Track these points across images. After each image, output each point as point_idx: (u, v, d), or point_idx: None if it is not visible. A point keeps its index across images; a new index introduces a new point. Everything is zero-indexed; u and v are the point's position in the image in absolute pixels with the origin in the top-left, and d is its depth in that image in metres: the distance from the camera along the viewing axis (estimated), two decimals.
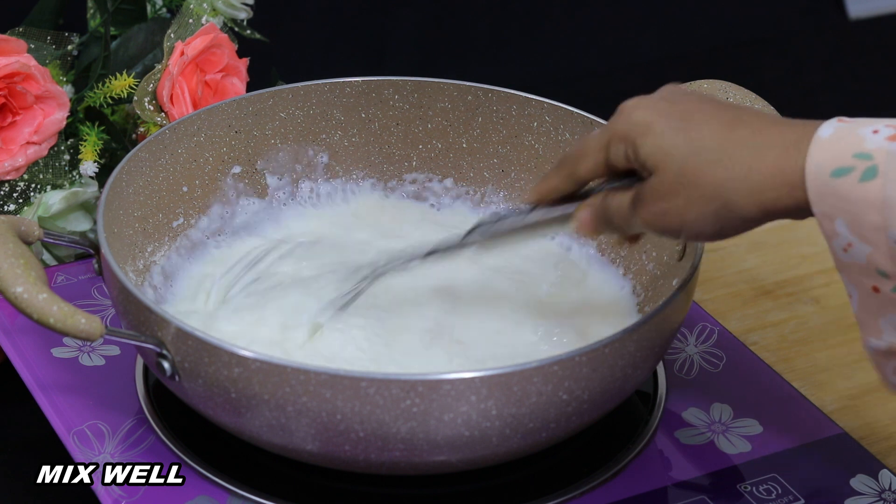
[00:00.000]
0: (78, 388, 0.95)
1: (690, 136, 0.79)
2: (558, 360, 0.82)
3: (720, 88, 1.01)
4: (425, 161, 1.10)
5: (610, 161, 0.82)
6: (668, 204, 0.80)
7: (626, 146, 0.81)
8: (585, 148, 0.84)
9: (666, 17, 1.67)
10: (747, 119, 0.79)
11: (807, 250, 1.23)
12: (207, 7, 1.15)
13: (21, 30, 1.12)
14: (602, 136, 0.83)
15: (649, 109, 0.81)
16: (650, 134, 0.80)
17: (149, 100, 1.11)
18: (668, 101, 0.81)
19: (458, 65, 1.58)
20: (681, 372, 0.99)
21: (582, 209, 0.85)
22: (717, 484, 0.91)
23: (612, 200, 0.83)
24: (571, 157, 0.85)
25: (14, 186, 1.08)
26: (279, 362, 0.81)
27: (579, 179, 0.85)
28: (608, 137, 0.82)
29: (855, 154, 0.74)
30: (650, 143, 0.80)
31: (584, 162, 0.84)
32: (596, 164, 0.83)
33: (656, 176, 0.80)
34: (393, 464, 0.85)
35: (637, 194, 0.82)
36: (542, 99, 1.06)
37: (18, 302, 0.83)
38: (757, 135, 0.78)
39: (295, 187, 1.08)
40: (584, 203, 0.85)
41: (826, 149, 0.75)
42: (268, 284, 0.98)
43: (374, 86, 1.08)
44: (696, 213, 0.79)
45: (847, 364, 1.10)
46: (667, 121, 0.80)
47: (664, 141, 0.79)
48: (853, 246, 0.75)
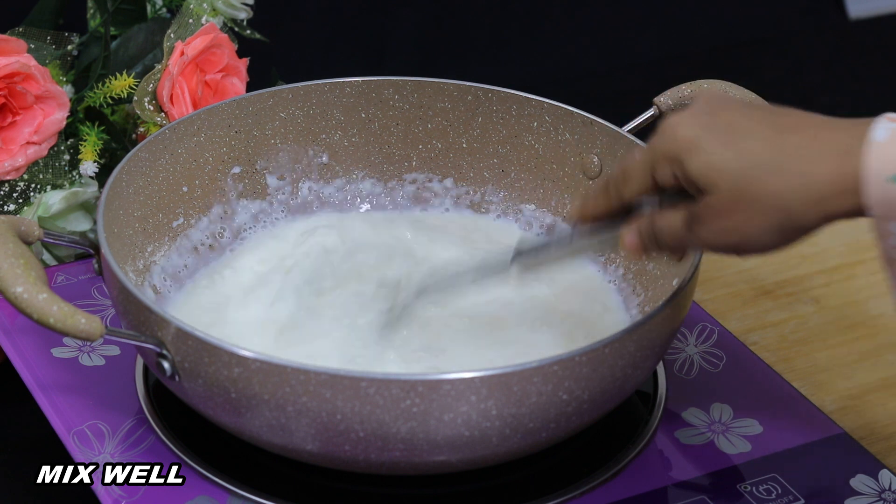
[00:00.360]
0: (78, 388, 0.95)
1: (740, 148, 0.77)
2: (558, 360, 0.82)
3: (720, 88, 1.01)
4: (425, 161, 1.10)
5: (658, 181, 0.81)
6: (728, 221, 0.78)
7: (673, 166, 0.79)
8: (629, 170, 0.82)
9: (666, 17, 1.67)
10: (796, 125, 0.78)
11: (807, 250, 1.23)
12: (207, 7, 1.15)
13: (21, 30, 1.12)
14: (646, 157, 0.81)
15: (693, 126, 0.78)
16: (698, 151, 0.78)
17: (149, 100, 1.11)
18: (711, 114, 0.79)
19: (458, 65, 1.58)
20: (681, 372, 0.99)
21: (628, 233, 0.83)
22: (717, 484, 0.91)
23: (660, 222, 0.81)
24: (615, 179, 0.83)
25: (14, 186, 1.08)
26: (279, 362, 0.81)
27: (624, 201, 0.83)
28: (652, 158, 0.80)
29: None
30: (699, 161, 0.78)
31: (629, 185, 0.82)
32: (643, 186, 0.81)
33: (711, 195, 0.78)
34: (393, 464, 0.85)
35: (691, 215, 0.80)
36: (542, 99, 1.06)
37: (18, 302, 0.83)
38: (810, 142, 0.76)
39: (295, 187, 1.08)
40: (629, 227, 0.83)
41: (882, 154, 0.74)
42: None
43: (374, 86, 1.08)
44: (757, 227, 0.77)
45: (847, 364, 1.10)
46: (713, 136, 0.78)
47: (713, 157, 0.77)
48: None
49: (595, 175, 1.05)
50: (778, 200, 0.76)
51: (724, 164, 0.77)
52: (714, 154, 0.77)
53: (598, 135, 1.04)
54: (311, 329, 0.95)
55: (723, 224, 0.78)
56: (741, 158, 0.77)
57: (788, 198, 0.76)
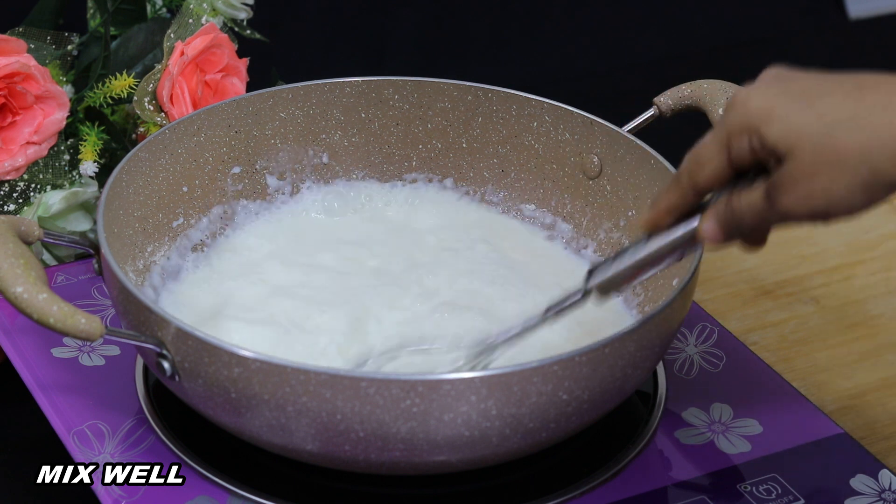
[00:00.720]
0: (78, 388, 0.95)
1: (818, 110, 0.76)
2: (558, 360, 0.82)
3: (720, 88, 1.01)
4: (425, 161, 1.10)
5: (734, 159, 0.79)
6: (811, 185, 0.76)
7: (750, 137, 0.78)
8: (702, 155, 0.80)
9: (666, 17, 1.67)
10: (870, 84, 0.76)
11: (807, 250, 1.23)
12: (207, 7, 1.15)
13: (21, 30, 1.12)
14: (718, 136, 0.79)
15: (765, 95, 0.77)
16: (774, 119, 0.77)
17: (149, 100, 1.11)
18: (781, 82, 0.78)
19: (458, 65, 1.58)
20: (681, 372, 0.99)
21: (706, 221, 0.81)
22: (717, 484, 0.91)
23: (738, 202, 0.80)
24: (687, 169, 0.81)
25: (14, 186, 1.08)
26: (279, 362, 0.81)
27: (701, 190, 0.81)
28: (726, 135, 0.79)
29: None
30: (777, 128, 0.76)
31: (704, 170, 0.80)
32: (718, 168, 0.80)
33: (791, 160, 0.76)
34: (393, 464, 0.85)
35: (771, 186, 0.78)
36: (542, 99, 1.06)
37: (18, 302, 0.83)
38: (889, 97, 0.75)
39: (295, 187, 1.08)
40: (705, 214, 0.82)
41: None
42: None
43: (374, 86, 1.08)
44: (844, 187, 0.76)
45: (847, 364, 1.10)
46: (788, 102, 0.77)
47: (791, 122, 0.76)
48: None
49: (595, 175, 1.05)
50: (862, 157, 0.75)
51: (803, 126, 0.76)
52: (791, 119, 0.76)
53: (598, 135, 1.04)
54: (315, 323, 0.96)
55: (806, 189, 0.76)
56: (820, 119, 0.76)
57: (873, 154, 0.75)
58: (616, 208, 1.04)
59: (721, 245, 0.82)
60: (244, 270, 1.01)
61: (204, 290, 1.00)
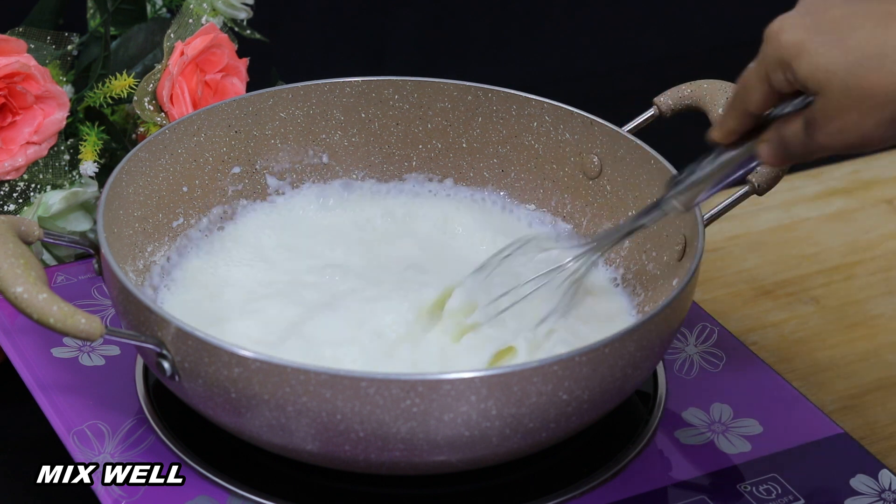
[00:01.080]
0: (78, 388, 0.95)
1: (846, 46, 0.77)
2: (558, 360, 0.82)
3: (720, 88, 1.01)
4: (425, 161, 1.09)
5: (775, 88, 0.81)
6: (843, 121, 0.78)
7: (784, 71, 0.79)
8: (747, 83, 0.83)
9: (666, 17, 1.67)
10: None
11: (807, 250, 1.23)
12: (207, 7, 1.15)
13: (21, 30, 1.12)
14: (759, 67, 0.81)
15: (796, 28, 0.79)
16: (804, 54, 0.78)
17: (149, 100, 1.11)
18: (812, 14, 0.79)
19: (458, 65, 1.58)
20: (681, 372, 0.99)
21: (760, 145, 0.84)
22: (717, 484, 0.91)
23: (786, 131, 0.82)
24: (738, 95, 0.83)
25: (14, 186, 1.08)
26: (279, 362, 0.81)
27: (754, 113, 0.84)
28: (764, 68, 0.81)
29: None
30: (807, 64, 0.78)
31: (751, 96, 0.83)
32: (764, 95, 0.82)
33: (822, 96, 0.78)
34: (393, 464, 0.85)
35: (808, 119, 0.80)
36: (542, 99, 1.06)
37: (18, 302, 0.83)
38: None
39: (295, 187, 1.08)
40: (760, 139, 0.84)
41: None
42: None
43: (374, 86, 1.08)
44: (874, 123, 0.78)
45: (847, 364, 1.10)
46: (817, 36, 0.78)
47: (820, 59, 0.77)
48: None
49: (595, 175, 1.05)
50: (889, 94, 0.76)
51: (831, 63, 0.77)
52: (820, 55, 0.78)
53: (598, 135, 1.04)
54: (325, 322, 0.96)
55: (838, 125, 0.78)
56: (848, 56, 0.77)
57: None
58: (616, 208, 1.04)
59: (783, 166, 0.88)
60: (244, 270, 1.01)
61: (204, 289, 1.00)
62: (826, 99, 0.78)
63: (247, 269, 1.02)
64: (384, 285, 0.99)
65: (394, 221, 1.08)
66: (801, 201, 1.30)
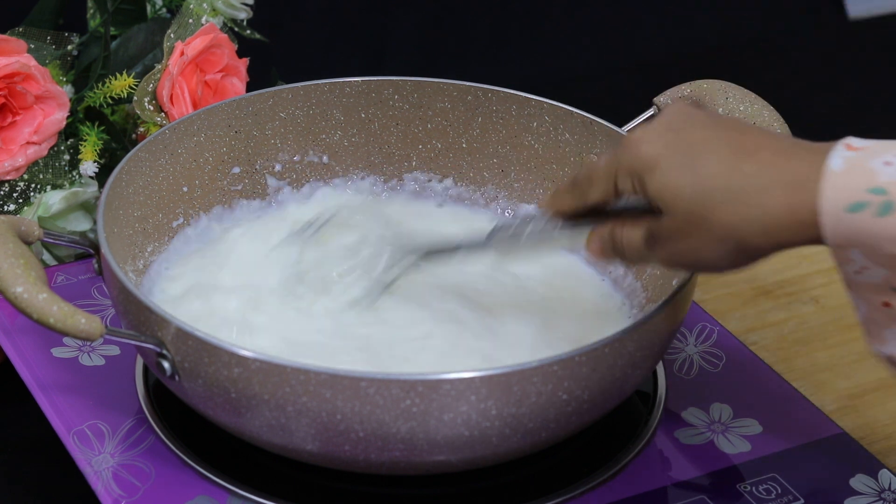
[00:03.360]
0: (78, 388, 0.95)
1: (698, 172, 0.77)
2: (558, 360, 0.82)
3: (720, 88, 1.01)
4: (425, 161, 1.10)
5: (619, 190, 0.82)
6: (682, 244, 0.79)
7: (634, 180, 0.80)
8: (594, 175, 0.83)
9: (666, 17, 1.67)
10: (755, 148, 0.77)
11: (807, 250, 1.22)
12: (207, 7, 1.15)
13: (21, 30, 1.12)
14: (609, 166, 0.82)
15: (655, 143, 0.79)
16: (656, 170, 0.79)
17: (149, 100, 1.11)
18: (675, 132, 0.79)
19: (458, 65, 1.58)
20: (681, 372, 0.99)
21: (591, 239, 0.85)
22: (717, 484, 0.91)
23: (621, 235, 0.83)
24: (581, 180, 0.84)
25: (14, 186, 1.08)
26: (279, 362, 0.81)
27: (589, 203, 0.84)
28: (615, 169, 0.81)
29: (869, 189, 0.73)
30: (657, 181, 0.79)
31: (594, 188, 0.83)
32: (605, 193, 0.83)
33: (667, 216, 0.79)
34: (393, 464, 0.85)
35: (650, 233, 0.81)
36: (542, 99, 1.06)
37: (18, 302, 0.83)
38: (765, 170, 0.76)
39: (295, 187, 1.08)
40: (592, 232, 0.85)
41: (838, 185, 0.74)
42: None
43: (374, 86, 1.08)
44: (711, 252, 0.78)
45: (847, 364, 1.10)
46: (673, 156, 0.78)
47: (670, 179, 0.78)
48: (868, 269, 0.75)
49: None
50: (730, 230, 0.77)
51: (680, 188, 0.78)
52: (672, 176, 0.78)
53: (598, 135, 1.04)
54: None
55: (678, 246, 0.80)
56: (697, 184, 0.78)
57: (741, 227, 0.77)
58: None
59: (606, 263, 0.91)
60: (244, 270, 1.01)
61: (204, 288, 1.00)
62: (671, 219, 0.79)
63: (246, 269, 1.02)
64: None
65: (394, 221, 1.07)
66: None
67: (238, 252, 1.03)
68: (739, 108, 0.99)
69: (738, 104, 0.99)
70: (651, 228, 0.81)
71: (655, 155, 0.79)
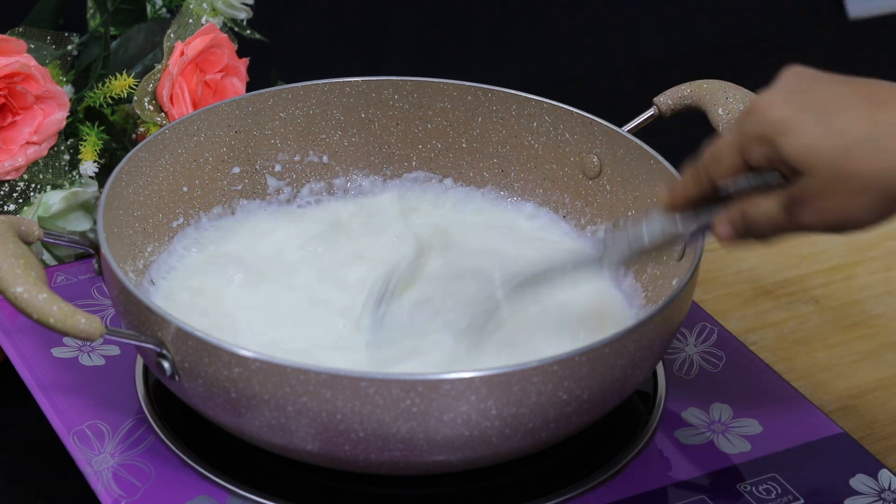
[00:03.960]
0: (78, 388, 0.95)
1: (834, 127, 0.77)
2: (558, 360, 0.82)
3: (720, 88, 1.01)
4: (425, 161, 1.10)
5: (748, 161, 0.80)
6: (829, 202, 0.78)
7: (765, 147, 0.79)
8: (719, 152, 0.82)
9: (666, 17, 1.67)
10: (886, 99, 0.77)
11: (807, 250, 1.23)
12: (207, 7, 1.15)
13: (21, 30, 1.12)
14: (735, 138, 0.80)
15: (783, 106, 0.78)
16: (791, 132, 0.78)
17: (149, 100, 1.11)
18: (800, 93, 0.79)
19: (458, 65, 1.58)
20: (681, 372, 0.99)
21: (720, 225, 0.83)
22: (717, 484, 0.91)
23: (753, 210, 0.81)
24: (705, 162, 0.82)
25: (14, 186, 1.08)
26: (279, 362, 0.81)
27: (715, 184, 0.83)
28: (742, 140, 0.80)
29: None
30: (792, 142, 0.78)
31: (719, 166, 0.82)
32: (733, 167, 0.81)
33: (809, 177, 0.78)
34: (393, 464, 0.85)
35: (790, 199, 0.79)
36: (542, 99, 1.06)
37: (18, 302, 0.83)
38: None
39: (295, 187, 1.08)
40: (720, 218, 0.83)
41: None
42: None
43: (374, 86, 1.08)
44: (857, 205, 0.77)
45: (847, 364, 1.10)
46: (805, 115, 0.78)
47: (806, 138, 0.77)
48: None
49: (595, 175, 1.05)
50: (875, 179, 0.76)
51: (818, 145, 0.77)
52: (808, 135, 0.77)
53: (598, 135, 1.04)
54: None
55: (824, 205, 0.78)
56: (836, 138, 0.77)
57: (885, 175, 0.76)
58: (616, 208, 1.04)
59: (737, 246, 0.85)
60: (244, 270, 1.01)
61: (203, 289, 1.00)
62: (813, 180, 0.78)
63: (246, 269, 1.02)
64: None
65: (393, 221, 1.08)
66: None
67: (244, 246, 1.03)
68: (739, 108, 0.99)
69: (738, 104, 0.99)
70: (791, 195, 0.79)
71: (786, 117, 0.78)
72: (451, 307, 0.94)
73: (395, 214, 1.08)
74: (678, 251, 0.96)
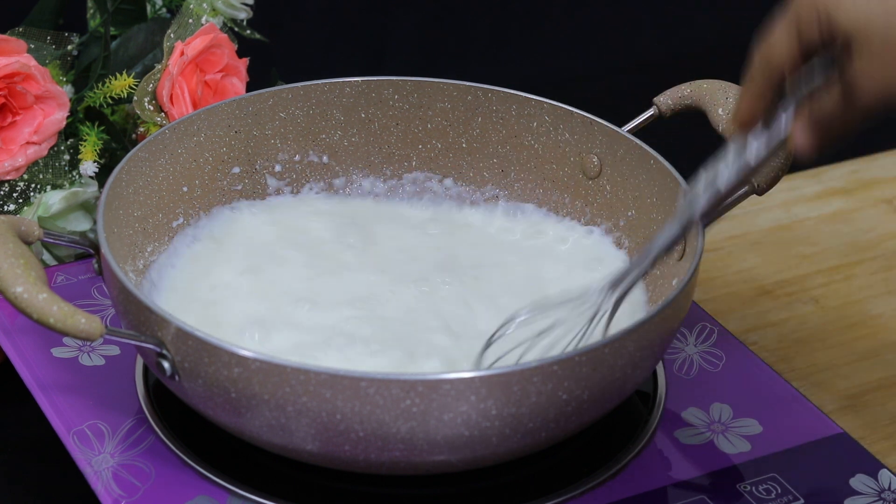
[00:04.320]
0: (78, 388, 0.95)
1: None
2: (558, 360, 0.82)
3: (720, 88, 1.01)
4: (425, 161, 1.10)
5: (803, 40, 0.81)
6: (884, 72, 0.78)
7: (819, 15, 0.80)
8: (772, 37, 0.82)
9: (666, 17, 1.67)
10: None
11: (807, 250, 1.23)
12: (207, 7, 1.15)
13: (21, 30, 1.12)
14: (788, 16, 0.81)
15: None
16: (842, 3, 0.79)
17: (149, 100, 1.11)
18: None
19: (458, 65, 1.58)
20: (681, 372, 0.99)
21: (797, 135, 0.83)
22: (717, 484, 0.91)
23: (821, 106, 0.82)
24: (761, 51, 0.83)
25: (14, 186, 1.08)
26: (279, 362, 0.81)
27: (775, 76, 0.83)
28: (796, 12, 0.81)
29: None
30: (846, 12, 0.78)
31: (775, 51, 0.82)
32: (792, 51, 0.81)
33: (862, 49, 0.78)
34: (393, 464, 0.85)
35: (846, 84, 0.80)
36: (542, 99, 1.06)
37: (18, 302, 0.83)
38: None
39: (295, 187, 1.08)
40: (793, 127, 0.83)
41: None
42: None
43: (374, 86, 1.08)
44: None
45: (847, 364, 1.10)
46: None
47: (859, 7, 0.78)
48: None
49: (595, 175, 1.05)
50: None
51: (871, 13, 0.78)
52: (859, 4, 0.78)
53: (598, 135, 1.04)
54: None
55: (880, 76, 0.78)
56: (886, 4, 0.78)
57: None
58: (616, 208, 1.04)
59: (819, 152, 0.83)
60: (244, 270, 1.01)
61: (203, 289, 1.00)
62: (866, 49, 0.78)
63: (246, 269, 1.02)
64: (386, 282, 0.99)
65: (393, 221, 1.08)
66: (800, 201, 1.30)
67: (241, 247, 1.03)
68: None
69: None
70: (846, 76, 0.80)
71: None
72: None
73: (396, 214, 1.08)
74: (678, 251, 0.96)
